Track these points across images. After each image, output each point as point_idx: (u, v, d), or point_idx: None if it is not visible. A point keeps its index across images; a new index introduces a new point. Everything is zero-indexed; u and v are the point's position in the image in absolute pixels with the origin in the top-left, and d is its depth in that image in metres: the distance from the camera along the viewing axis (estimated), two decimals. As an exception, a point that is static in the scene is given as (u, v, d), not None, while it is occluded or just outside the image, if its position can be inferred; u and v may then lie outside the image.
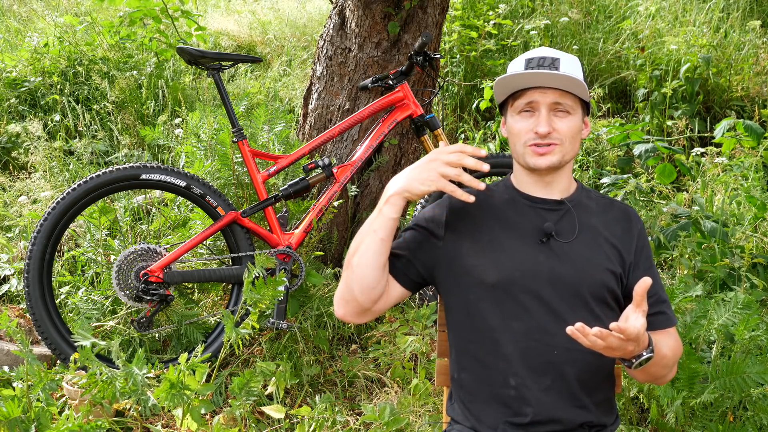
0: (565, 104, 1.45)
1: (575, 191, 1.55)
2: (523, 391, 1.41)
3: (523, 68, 1.48)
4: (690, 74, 4.51)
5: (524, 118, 1.48)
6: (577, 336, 1.25)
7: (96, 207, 2.68)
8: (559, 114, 1.46)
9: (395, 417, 1.93)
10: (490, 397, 1.45)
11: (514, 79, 1.46)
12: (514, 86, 1.48)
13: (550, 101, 1.45)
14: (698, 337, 2.02)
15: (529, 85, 1.46)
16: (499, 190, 1.57)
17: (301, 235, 2.58)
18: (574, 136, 1.47)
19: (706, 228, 2.80)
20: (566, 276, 1.43)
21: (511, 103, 1.51)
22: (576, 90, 1.45)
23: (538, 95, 1.45)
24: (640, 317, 1.27)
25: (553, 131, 1.45)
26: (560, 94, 1.45)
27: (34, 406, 1.81)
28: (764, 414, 1.91)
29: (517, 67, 1.50)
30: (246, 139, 2.56)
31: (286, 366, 2.40)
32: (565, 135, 1.46)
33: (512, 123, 1.50)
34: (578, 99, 1.48)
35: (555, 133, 1.45)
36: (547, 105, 1.45)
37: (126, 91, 4.34)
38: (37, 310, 2.38)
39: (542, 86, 1.45)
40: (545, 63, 1.46)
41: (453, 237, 1.51)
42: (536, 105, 1.46)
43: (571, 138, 1.47)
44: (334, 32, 3.06)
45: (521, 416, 1.42)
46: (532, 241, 1.47)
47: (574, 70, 1.47)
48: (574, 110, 1.47)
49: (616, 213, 1.55)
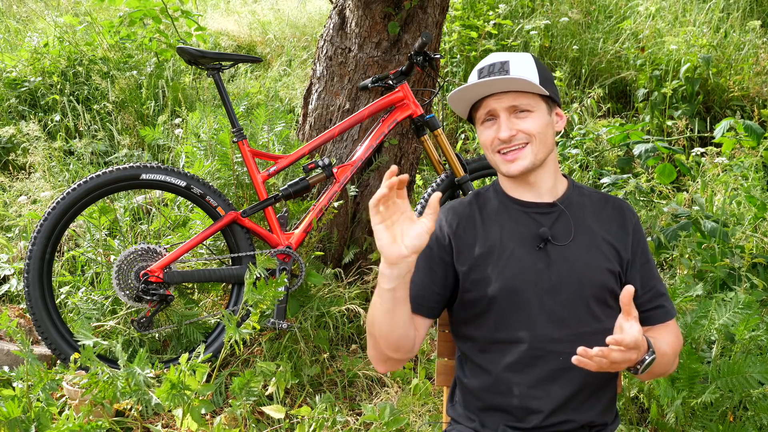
0: (522, 104, 1.46)
1: (567, 190, 1.54)
2: (528, 399, 1.41)
3: (476, 78, 1.48)
4: (690, 74, 4.51)
5: (487, 127, 1.49)
6: (584, 363, 1.25)
7: (96, 207, 2.68)
8: (520, 115, 1.47)
9: (395, 417, 1.93)
10: (495, 405, 1.45)
11: (467, 91, 1.47)
12: (470, 99, 1.50)
13: (506, 105, 1.46)
14: (699, 337, 2.02)
15: (483, 95, 1.47)
16: (490, 196, 1.56)
17: (301, 235, 2.58)
18: (541, 132, 1.47)
19: (706, 228, 2.80)
20: (566, 281, 1.43)
21: (475, 115, 1.53)
22: (530, 88, 1.45)
23: (494, 102, 1.47)
24: (634, 324, 1.27)
25: (517, 133, 1.46)
26: (515, 96, 1.45)
27: (34, 406, 1.81)
28: (764, 414, 1.91)
29: (472, 79, 1.51)
30: (246, 139, 2.56)
31: (287, 366, 2.39)
32: (531, 133, 1.46)
33: (480, 135, 1.52)
34: (538, 96, 1.48)
35: (520, 134, 1.46)
36: (504, 110, 1.46)
37: (126, 91, 4.34)
38: (37, 310, 2.38)
39: (496, 92, 1.46)
40: (495, 69, 1.47)
41: (458, 251, 1.50)
42: (494, 112, 1.47)
43: (539, 135, 1.46)
44: (334, 32, 3.05)
45: (524, 423, 1.42)
46: (529, 247, 1.46)
47: (525, 68, 1.47)
48: (534, 107, 1.47)
49: (610, 210, 1.54)
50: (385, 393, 2.46)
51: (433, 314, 1.50)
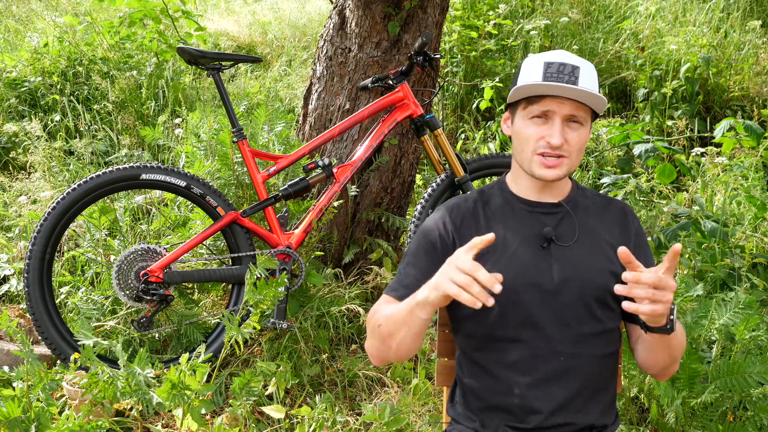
0: (579, 116, 1.44)
1: (571, 191, 1.54)
2: (529, 399, 1.41)
3: (542, 73, 1.43)
4: (690, 74, 4.51)
5: (536, 124, 1.45)
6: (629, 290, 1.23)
7: (96, 207, 2.67)
8: (573, 125, 1.44)
9: (395, 417, 1.93)
10: (496, 405, 1.45)
11: (535, 88, 1.43)
12: (531, 92, 1.45)
13: (566, 113, 1.43)
14: (699, 337, 2.02)
15: (549, 94, 1.43)
16: (494, 193, 1.55)
17: (301, 235, 2.58)
18: (581, 148, 1.46)
19: (706, 228, 2.80)
20: (569, 281, 1.43)
21: (524, 105, 1.47)
22: (594, 104, 1.43)
23: (555, 105, 1.42)
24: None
25: (565, 143, 1.43)
26: (576, 106, 1.43)
27: (34, 406, 1.81)
28: (764, 414, 1.91)
29: (535, 70, 1.45)
30: (246, 139, 2.56)
31: (287, 366, 2.39)
32: (574, 147, 1.44)
33: (522, 126, 1.47)
34: (591, 110, 1.46)
35: (566, 145, 1.43)
36: (562, 116, 1.43)
37: (126, 91, 4.34)
38: (37, 310, 2.38)
39: (560, 96, 1.42)
40: (565, 71, 1.42)
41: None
42: (551, 114, 1.43)
43: (578, 150, 1.45)
44: (334, 32, 3.05)
45: (524, 423, 1.42)
46: (533, 246, 1.46)
47: (592, 81, 1.45)
48: (586, 122, 1.46)
49: (613, 213, 1.54)
50: (385, 393, 2.46)
51: None
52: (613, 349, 1.47)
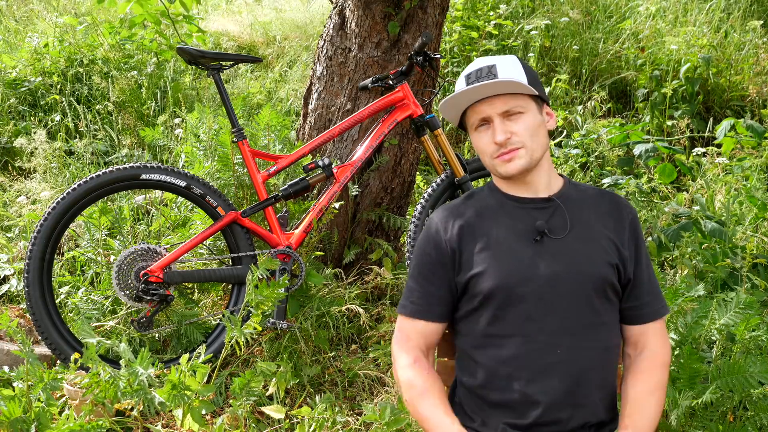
0: (514, 107, 1.46)
1: (562, 186, 1.56)
2: (528, 394, 1.41)
3: (465, 84, 1.50)
4: (690, 74, 4.51)
5: (482, 132, 1.50)
6: None
7: (96, 207, 2.67)
8: (512, 117, 1.47)
9: (396, 417, 1.93)
10: (495, 401, 1.45)
11: (458, 98, 1.48)
12: (461, 105, 1.50)
13: (499, 110, 1.46)
14: (699, 337, 2.01)
15: (474, 100, 1.48)
16: (485, 194, 1.57)
17: (301, 235, 2.58)
18: (534, 132, 1.48)
19: (706, 228, 2.80)
20: (564, 274, 1.43)
21: (467, 121, 1.53)
22: (520, 90, 1.46)
23: (486, 107, 1.47)
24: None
25: (511, 135, 1.46)
26: (506, 99, 1.46)
27: (34, 406, 1.81)
28: (764, 414, 1.91)
29: (460, 83, 1.52)
30: (246, 139, 2.56)
31: (287, 366, 2.39)
32: (523, 134, 1.47)
33: (475, 141, 1.53)
34: (528, 96, 1.48)
35: (514, 136, 1.46)
36: (497, 114, 1.47)
37: (126, 92, 4.34)
38: (37, 310, 2.38)
39: (487, 97, 1.46)
40: (483, 74, 1.47)
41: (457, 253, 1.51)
42: (488, 117, 1.48)
43: (531, 136, 1.47)
44: (334, 32, 3.05)
45: (524, 418, 1.42)
46: (526, 241, 1.47)
47: (513, 71, 1.48)
48: (526, 108, 1.48)
49: (607, 205, 1.55)
50: (386, 393, 2.46)
51: (443, 318, 1.53)
52: (612, 342, 1.48)
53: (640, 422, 1.44)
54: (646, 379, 1.49)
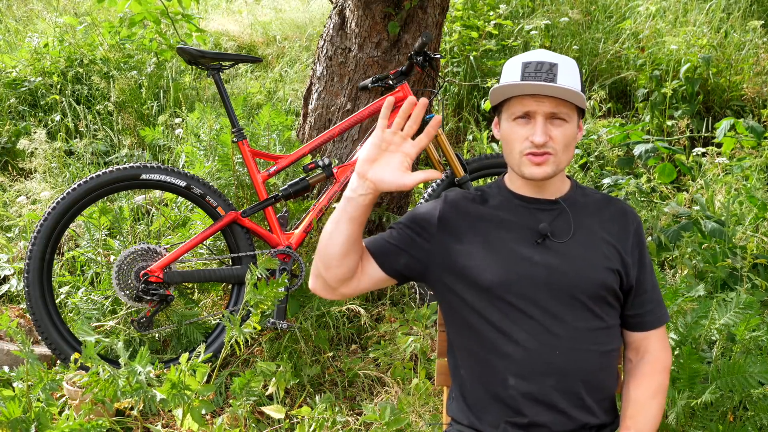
0: (561, 113, 1.43)
1: (570, 190, 1.55)
2: (524, 391, 1.41)
3: (520, 73, 1.45)
4: (690, 74, 4.51)
5: (520, 125, 1.45)
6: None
7: (96, 207, 2.67)
8: (555, 122, 1.44)
9: (396, 417, 1.93)
10: (490, 395, 1.45)
11: (511, 89, 1.44)
12: (509, 92, 1.46)
13: (547, 111, 1.43)
14: (699, 337, 2.01)
15: (525, 93, 1.44)
16: (493, 192, 1.57)
17: (301, 235, 2.58)
18: (568, 144, 1.46)
19: (706, 228, 2.80)
20: (563, 277, 1.43)
21: (507, 107, 1.48)
22: (576, 100, 1.43)
23: (535, 105, 1.43)
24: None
25: (549, 140, 1.43)
26: (557, 104, 1.42)
27: (34, 406, 1.81)
28: (764, 414, 1.91)
29: (514, 70, 1.46)
30: (246, 139, 2.56)
31: (287, 366, 2.39)
32: (559, 144, 1.44)
33: (507, 129, 1.48)
34: (574, 105, 1.46)
35: (551, 142, 1.43)
36: (543, 114, 1.43)
37: (126, 92, 4.34)
38: (37, 310, 2.38)
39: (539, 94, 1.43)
40: (542, 70, 1.43)
41: (445, 237, 1.50)
42: (533, 113, 1.44)
43: (565, 146, 1.45)
44: (334, 32, 3.05)
45: (521, 416, 1.42)
46: (527, 242, 1.46)
47: (572, 78, 1.44)
48: (570, 118, 1.45)
49: (612, 211, 1.54)
50: (386, 393, 2.46)
51: (387, 270, 1.50)
52: (612, 346, 1.48)
53: (641, 423, 1.44)
54: (648, 382, 1.49)
